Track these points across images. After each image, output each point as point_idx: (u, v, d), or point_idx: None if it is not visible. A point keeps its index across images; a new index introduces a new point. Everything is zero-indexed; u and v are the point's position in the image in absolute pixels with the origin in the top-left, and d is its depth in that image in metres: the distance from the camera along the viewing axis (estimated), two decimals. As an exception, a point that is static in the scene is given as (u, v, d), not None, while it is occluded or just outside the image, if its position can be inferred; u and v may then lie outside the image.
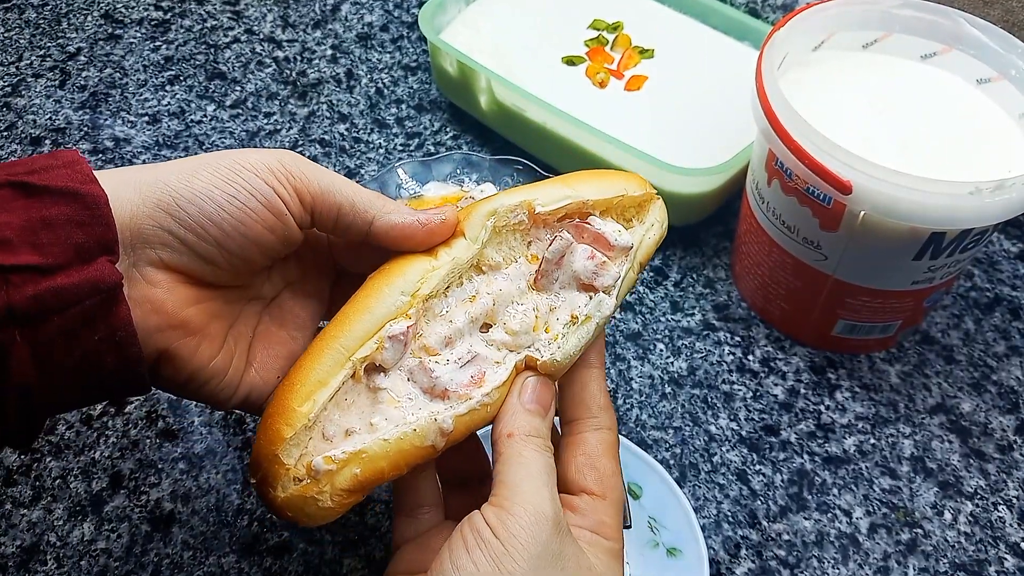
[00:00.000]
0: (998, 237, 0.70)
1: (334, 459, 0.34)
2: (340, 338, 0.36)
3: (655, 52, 0.77)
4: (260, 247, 0.37)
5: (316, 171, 0.37)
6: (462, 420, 0.36)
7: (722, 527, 0.54)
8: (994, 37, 0.56)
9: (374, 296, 0.37)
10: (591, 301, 0.38)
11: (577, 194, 0.39)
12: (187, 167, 0.35)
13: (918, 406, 0.60)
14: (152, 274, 0.35)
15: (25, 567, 0.52)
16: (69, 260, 0.32)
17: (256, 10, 0.90)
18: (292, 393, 0.35)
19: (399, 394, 0.36)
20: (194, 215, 0.35)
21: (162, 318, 0.35)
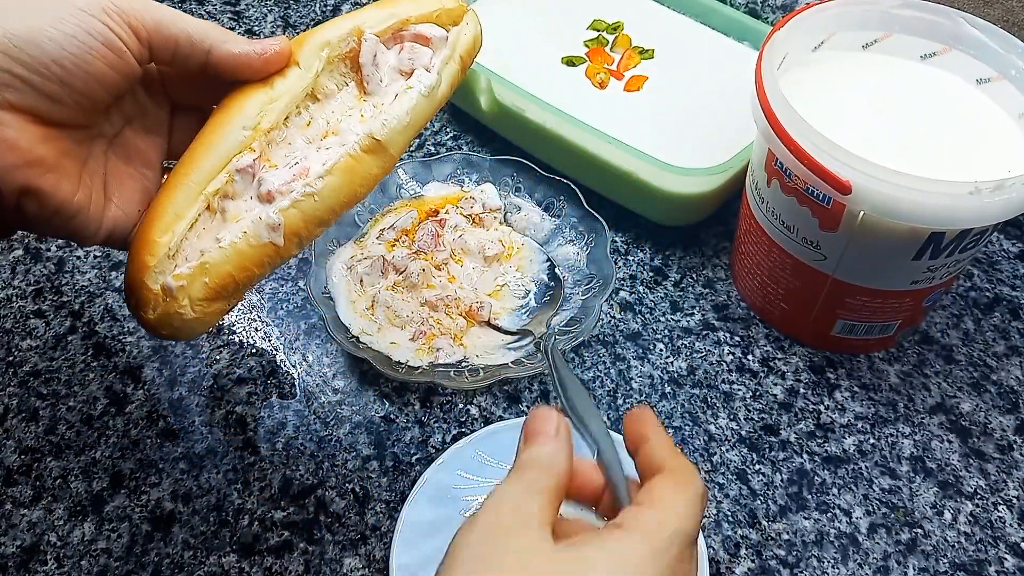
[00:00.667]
0: (998, 237, 0.70)
1: (181, 275, 0.39)
2: (191, 175, 0.40)
3: (655, 52, 0.77)
4: (103, 84, 0.38)
5: (150, 5, 0.38)
6: (289, 212, 0.40)
7: (722, 527, 0.54)
8: (994, 37, 0.56)
9: (218, 132, 0.40)
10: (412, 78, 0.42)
11: (399, 12, 0.43)
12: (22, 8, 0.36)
13: (918, 406, 0.60)
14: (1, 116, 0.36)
15: (25, 567, 0.52)
16: None
17: (256, 10, 0.90)
18: (152, 227, 0.39)
19: (240, 211, 0.40)
20: (36, 55, 0.36)
21: (17, 155, 0.37)
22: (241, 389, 0.60)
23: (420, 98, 0.42)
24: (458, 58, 0.44)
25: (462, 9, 0.46)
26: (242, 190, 0.41)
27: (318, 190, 0.40)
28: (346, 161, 0.41)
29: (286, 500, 0.55)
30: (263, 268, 0.41)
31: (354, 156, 0.41)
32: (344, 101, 0.43)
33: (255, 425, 0.58)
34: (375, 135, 0.41)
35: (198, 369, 0.61)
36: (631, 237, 0.70)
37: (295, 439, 0.58)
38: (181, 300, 0.39)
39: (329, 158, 0.41)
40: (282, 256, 0.41)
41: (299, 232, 0.41)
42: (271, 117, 0.41)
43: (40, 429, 0.58)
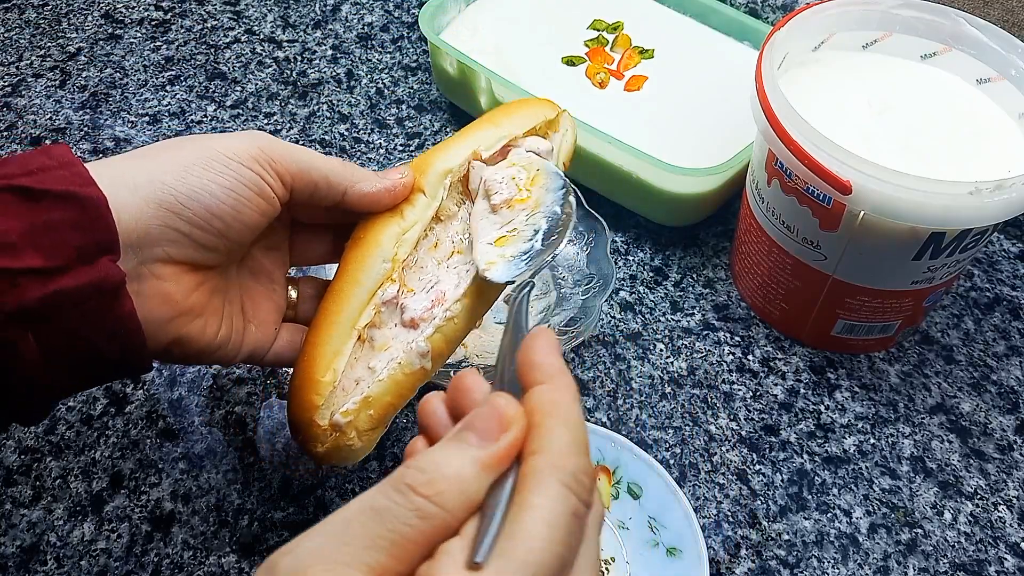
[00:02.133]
0: (998, 237, 0.70)
1: (348, 411, 0.41)
2: (342, 312, 0.42)
3: (655, 52, 0.77)
4: (254, 229, 0.40)
5: (292, 151, 0.40)
6: (434, 338, 0.42)
7: (722, 527, 0.54)
8: (994, 37, 0.56)
9: (361, 269, 0.42)
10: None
11: (508, 132, 0.46)
12: (178, 162, 0.38)
13: (918, 406, 0.60)
14: (160, 269, 0.38)
15: (25, 567, 0.52)
16: (71, 262, 0.34)
17: (256, 10, 0.90)
18: (314, 366, 0.41)
19: (387, 338, 0.42)
20: (197, 211, 0.37)
21: (172, 308, 0.38)
22: (241, 389, 0.60)
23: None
24: (562, 164, 0.47)
25: (558, 113, 0.48)
26: (387, 318, 0.43)
27: (457, 313, 0.42)
28: (478, 285, 0.42)
29: (286, 500, 0.55)
30: (414, 391, 0.43)
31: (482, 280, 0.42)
32: (465, 221, 0.45)
33: (255, 425, 0.58)
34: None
35: (198, 369, 0.61)
36: (631, 237, 0.70)
37: (295, 439, 0.58)
38: (349, 433, 0.41)
39: (461, 280, 0.43)
40: (427, 377, 0.43)
41: (442, 352, 0.43)
42: (406, 248, 0.43)
43: (40, 429, 0.58)
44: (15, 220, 0.33)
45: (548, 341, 0.30)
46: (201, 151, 0.38)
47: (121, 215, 0.35)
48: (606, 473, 0.55)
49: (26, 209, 0.33)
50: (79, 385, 0.38)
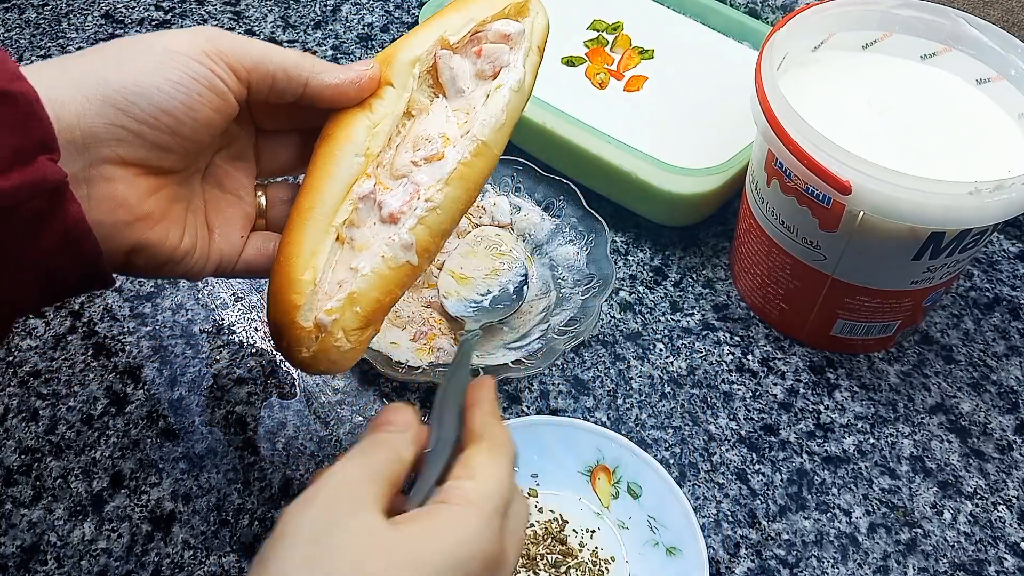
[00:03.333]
0: (998, 237, 0.70)
1: (333, 309, 0.39)
2: (316, 208, 0.40)
3: (655, 53, 0.77)
4: (208, 128, 0.38)
5: (245, 44, 0.38)
6: (417, 230, 0.41)
7: (722, 526, 0.54)
8: (994, 37, 0.56)
9: (332, 163, 0.40)
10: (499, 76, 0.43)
11: (475, 15, 0.44)
12: (122, 58, 0.36)
13: (917, 406, 0.60)
14: (110, 171, 0.36)
15: (25, 567, 0.52)
16: (8, 164, 0.31)
17: (256, 10, 0.90)
18: (291, 265, 0.39)
19: (367, 238, 0.41)
20: (146, 108, 0.35)
21: (127, 212, 0.37)
22: (241, 389, 0.60)
23: (512, 94, 0.42)
24: (536, 48, 0.45)
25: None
26: (366, 217, 0.41)
27: (440, 203, 0.41)
28: (459, 169, 0.41)
29: (286, 500, 0.55)
30: (403, 287, 0.41)
31: (465, 163, 0.41)
32: (437, 114, 0.44)
33: (255, 425, 0.58)
34: (480, 137, 0.41)
35: (198, 369, 0.61)
36: (631, 237, 0.70)
37: (295, 439, 0.58)
38: (336, 333, 0.39)
39: (442, 169, 0.41)
40: (416, 273, 0.42)
41: (428, 247, 0.41)
42: (379, 141, 0.41)
43: (40, 429, 0.58)
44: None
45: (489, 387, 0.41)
46: (146, 47, 0.36)
47: (60, 112, 0.33)
48: (606, 473, 0.55)
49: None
50: (37, 299, 0.36)
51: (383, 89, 0.42)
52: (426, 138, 0.42)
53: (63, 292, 0.37)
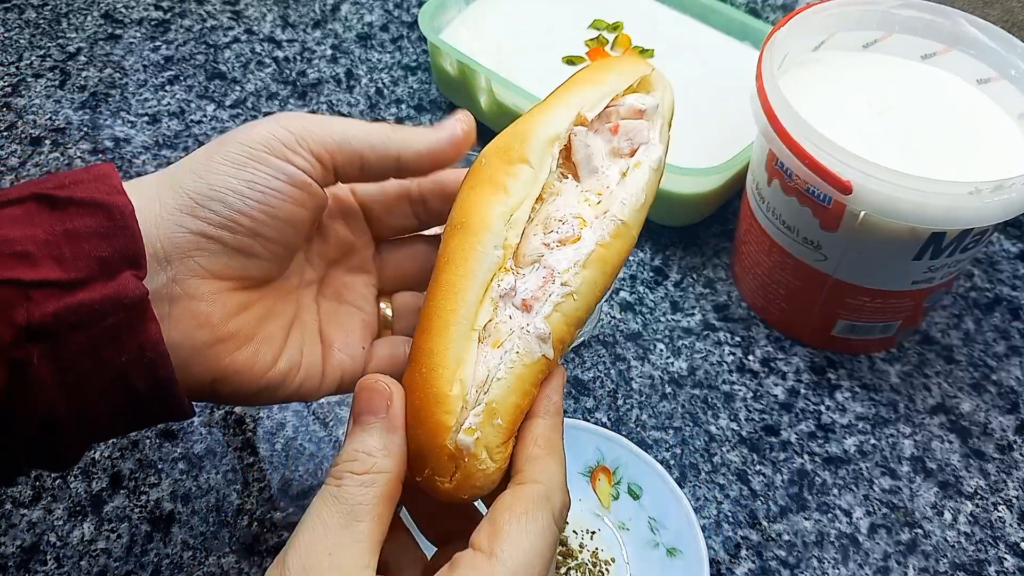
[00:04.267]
0: (998, 237, 0.70)
1: (474, 427, 0.34)
2: (457, 310, 0.35)
3: (655, 52, 0.77)
4: (294, 225, 0.35)
5: (326, 124, 0.36)
6: (553, 319, 0.35)
7: (722, 527, 0.54)
8: (994, 37, 0.56)
9: (471, 257, 0.36)
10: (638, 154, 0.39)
11: (610, 89, 0.39)
12: (199, 162, 0.34)
13: (918, 406, 0.60)
14: (195, 286, 0.33)
15: (25, 567, 0.52)
16: (92, 275, 0.31)
17: (256, 10, 0.90)
18: (437, 379, 0.34)
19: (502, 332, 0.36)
20: (220, 211, 0.33)
21: (209, 332, 0.34)
22: (241, 389, 0.60)
23: (652, 173, 0.38)
24: (667, 125, 0.41)
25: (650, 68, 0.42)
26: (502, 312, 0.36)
27: (577, 287, 0.36)
28: (597, 251, 0.36)
29: (285, 500, 0.55)
30: (537, 387, 0.36)
31: (603, 244, 0.37)
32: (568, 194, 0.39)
33: (254, 426, 0.58)
34: (620, 217, 0.37)
35: (198, 369, 0.61)
36: (631, 237, 0.70)
37: (294, 440, 0.58)
38: (480, 455, 0.34)
39: (580, 251, 0.37)
40: (551, 367, 0.36)
41: (563, 337, 0.36)
42: (517, 230, 0.36)
43: (39, 429, 0.58)
44: (35, 228, 0.31)
45: (560, 380, 0.36)
46: (222, 145, 0.34)
47: (148, 227, 0.32)
48: (606, 474, 0.55)
49: (48, 218, 0.31)
50: (109, 425, 0.33)
51: (517, 168, 0.37)
52: (560, 219, 0.38)
53: (138, 421, 0.34)
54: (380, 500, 0.32)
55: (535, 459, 0.34)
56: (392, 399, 0.33)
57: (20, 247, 0.30)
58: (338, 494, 0.31)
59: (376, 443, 0.32)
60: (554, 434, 0.35)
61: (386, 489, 0.32)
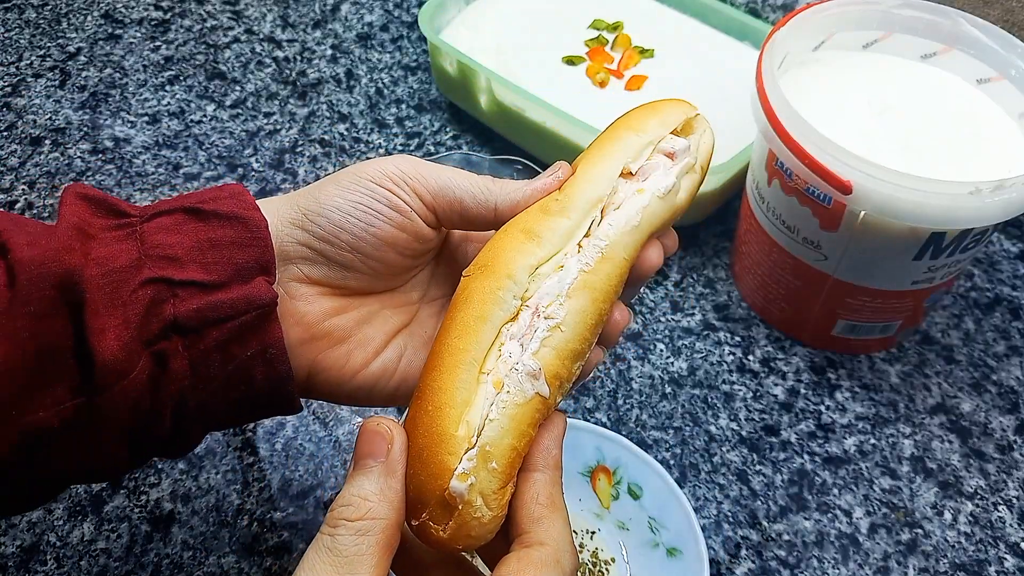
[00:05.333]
0: (998, 237, 0.70)
1: (466, 472, 0.32)
2: (469, 350, 0.34)
3: (655, 52, 0.77)
4: (395, 247, 0.38)
5: (431, 170, 0.38)
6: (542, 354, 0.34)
7: (722, 527, 0.54)
8: (994, 37, 0.56)
9: (489, 301, 0.35)
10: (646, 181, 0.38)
11: (652, 136, 0.39)
12: (315, 186, 0.38)
13: (918, 406, 0.60)
14: (296, 288, 0.37)
15: (25, 567, 0.52)
16: (230, 278, 0.34)
17: (256, 10, 0.90)
18: (444, 417, 0.33)
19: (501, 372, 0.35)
20: (324, 225, 0.37)
21: (304, 330, 0.37)
22: (241, 389, 0.60)
23: (655, 199, 0.37)
24: (700, 167, 0.40)
25: (694, 111, 0.41)
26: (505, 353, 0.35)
27: (562, 319, 0.35)
28: (580, 278, 0.35)
29: (285, 500, 0.55)
30: (534, 428, 0.34)
31: (587, 270, 0.35)
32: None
33: (254, 426, 0.58)
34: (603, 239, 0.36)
35: (198, 369, 0.61)
36: (631, 237, 0.70)
37: (294, 440, 0.58)
38: (475, 502, 0.32)
39: (562, 282, 0.35)
40: (549, 407, 0.35)
41: (558, 372, 0.35)
42: (538, 284, 0.36)
43: (39, 429, 0.58)
44: (185, 236, 0.35)
45: (560, 430, 0.36)
46: (338, 175, 0.38)
47: None
48: (606, 473, 0.55)
49: (194, 227, 0.35)
50: (227, 412, 0.36)
51: (558, 220, 0.36)
52: None
53: (251, 411, 0.37)
54: (377, 550, 0.31)
55: (538, 519, 0.33)
56: (393, 442, 0.33)
57: (171, 251, 0.34)
58: (332, 545, 0.30)
59: (373, 487, 0.32)
60: (555, 489, 0.34)
61: (383, 537, 0.31)
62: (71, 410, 0.32)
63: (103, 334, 0.32)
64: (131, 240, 0.34)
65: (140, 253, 0.34)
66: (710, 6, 0.78)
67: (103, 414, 0.32)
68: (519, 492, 0.34)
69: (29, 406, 0.31)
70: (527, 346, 0.35)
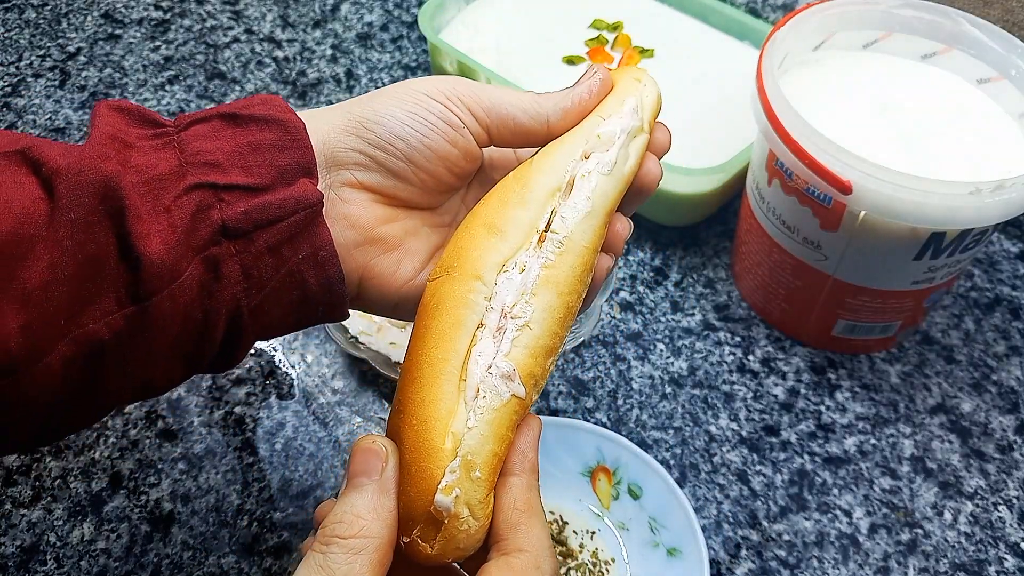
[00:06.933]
0: (998, 237, 0.70)
1: (450, 485, 0.32)
2: (449, 360, 0.34)
3: (655, 52, 0.77)
4: (445, 162, 0.38)
5: (483, 89, 0.39)
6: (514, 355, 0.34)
7: (722, 527, 0.54)
8: (994, 37, 0.56)
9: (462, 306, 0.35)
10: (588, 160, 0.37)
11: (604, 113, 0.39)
12: (369, 96, 0.38)
13: (918, 406, 0.60)
14: (348, 194, 0.37)
15: (25, 567, 0.52)
16: (274, 180, 0.34)
17: (256, 10, 0.90)
18: (430, 431, 0.33)
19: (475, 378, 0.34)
20: (381, 133, 0.37)
21: (358, 232, 0.37)
22: (240, 390, 0.60)
23: (601, 179, 0.36)
24: (646, 126, 0.39)
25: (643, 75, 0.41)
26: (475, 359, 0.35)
27: (529, 317, 0.34)
28: (543, 275, 0.35)
29: (285, 500, 0.55)
30: (514, 430, 0.34)
31: (548, 265, 0.35)
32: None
33: (254, 426, 0.58)
34: (561, 232, 0.35)
35: (198, 369, 0.61)
36: (631, 237, 0.70)
37: (294, 440, 0.58)
38: (462, 513, 0.32)
39: (525, 281, 0.35)
40: (525, 407, 0.34)
41: (532, 371, 0.34)
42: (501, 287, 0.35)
43: (39, 429, 0.58)
44: (223, 142, 0.34)
45: (535, 432, 0.35)
46: (392, 89, 0.38)
47: (316, 141, 0.36)
48: (606, 474, 0.55)
49: (232, 132, 0.35)
50: (281, 318, 0.36)
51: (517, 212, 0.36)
52: None
53: (304, 316, 0.37)
54: (369, 569, 0.30)
55: (516, 525, 0.33)
56: (387, 460, 0.33)
57: (211, 157, 0.34)
58: (324, 563, 0.30)
59: (367, 505, 0.31)
60: (532, 494, 0.34)
61: (376, 556, 0.31)
62: (121, 320, 0.31)
63: (148, 239, 0.31)
64: (170, 148, 0.34)
65: (181, 160, 0.33)
66: (710, 6, 0.78)
67: (153, 322, 0.32)
68: (496, 497, 0.34)
69: (80, 318, 0.31)
70: (499, 348, 0.34)
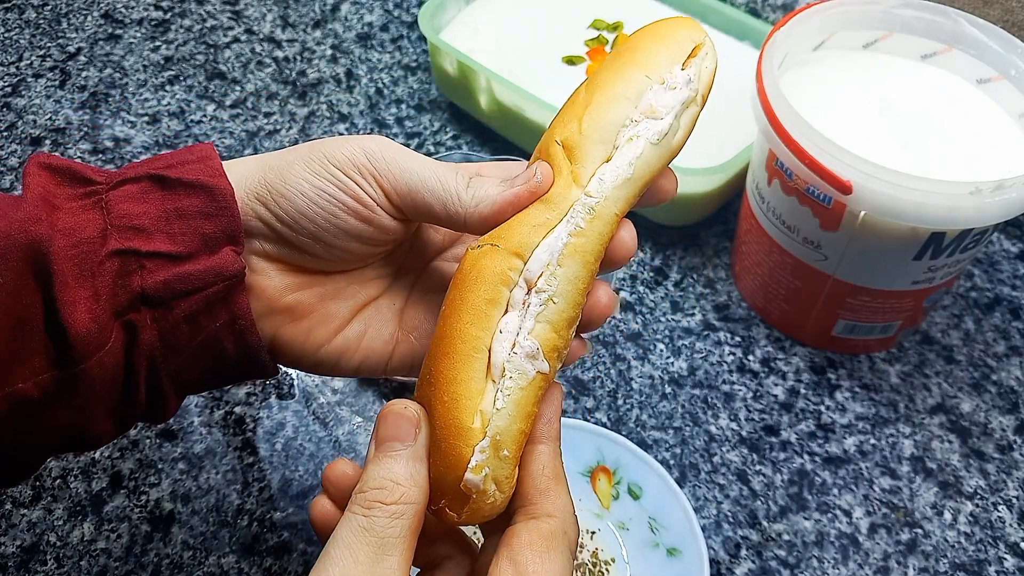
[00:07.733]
0: (998, 237, 0.70)
1: (480, 464, 0.32)
2: (483, 339, 0.33)
3: (655, 52, 0.76)
4: (359, 239, 0.37)
5: (403, 165, 0.36)
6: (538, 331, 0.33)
7: (722, 527, 0.54)
8: (994, 37, 0.56)
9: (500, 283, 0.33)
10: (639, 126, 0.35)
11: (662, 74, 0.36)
12: (285, 160, 0.36)
13: (918, 406, 0.60)
14: (255, 262, 0.37)
15: (25, 567, 0.52)
16: (197, 249, 0.34)
17: (256, 10, 0.90)
18: (461, 410, 0.33)
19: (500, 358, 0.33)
20: (287, 208, 0.36)
21: (264, 304, 0.37)
22: (240, 389, 0.60)
23: (649, 146, 0.34)
24: (700, 99, 0.37)
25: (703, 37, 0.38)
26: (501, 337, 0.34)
27: (555, 290, 0.33)
28: (571, 243, 0.33)
29: (285, 500, 0.55)
30: (539, 404, 0.34)
31: (576, 233, 0.33)
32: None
33: (254, 426, 0.58)
34: (595, 197, 0.34)
35: (198, 369, 0.61)
36: (631, 237, 0.70)
37: (294, 440, 0.58)
38: (489, 490, 0.33)
39: (552, 249, 0.33)
40: (549, 380, 0.34)
41: (556, 345, 0.34)
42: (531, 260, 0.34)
43: (39, 429, 0.58)
44: (150, 205, 0.34)
45: (559, 400, 0.36)
46: (309, 151, 0.36)
47: None
48: (606, 474, 0.55)
49: (160, 196, 0.34)
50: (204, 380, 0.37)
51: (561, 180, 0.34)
52: None
53: (231, 378, 0.37)
54: (409, 533, 0.31)
55: (545, 491, 0.34)
56: (420, 427, 0.33)
57: (137, 221, 0.34)
58: (368, 525, 0.31)
59: (404, 472, 0.32)
60: (558, 461, 0.35)
61: (414, 521, 0.32)
62: (50, 381, 0.32)
63: (74, 307, 0.32)
64: (96, 209, 0.33)
65: (106, 223, 0.33)
66: (710, 6, 0.78)
67: (83, 385, 0.32)
68: (524, 464, 0.34)
69: (9, 377, 0.31)
70: (523, 324, 0.33)
